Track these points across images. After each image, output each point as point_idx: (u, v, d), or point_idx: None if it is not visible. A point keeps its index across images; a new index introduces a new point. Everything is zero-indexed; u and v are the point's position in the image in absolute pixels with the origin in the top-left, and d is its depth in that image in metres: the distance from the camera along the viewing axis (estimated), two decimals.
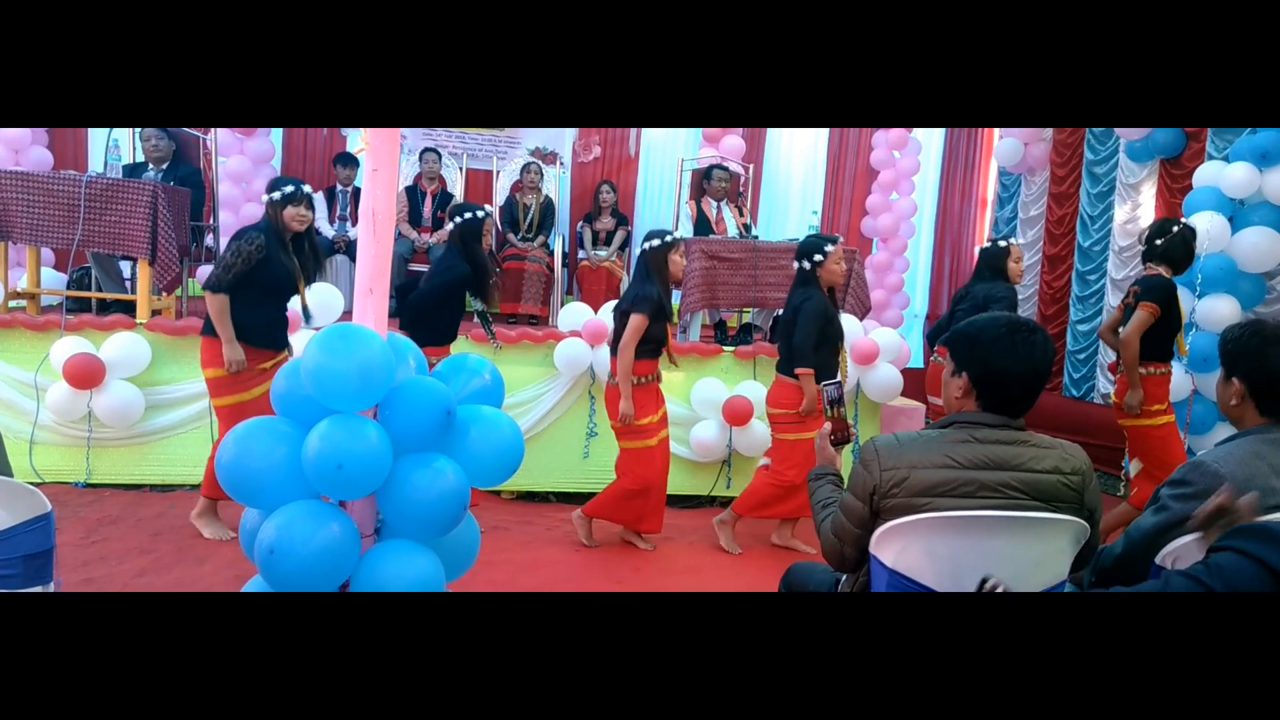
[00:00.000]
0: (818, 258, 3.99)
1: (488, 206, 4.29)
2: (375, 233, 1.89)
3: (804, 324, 3.96)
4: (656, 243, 3.98)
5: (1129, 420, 4.00)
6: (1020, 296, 7.20)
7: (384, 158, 1.90)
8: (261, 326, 3.69)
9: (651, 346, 3.96)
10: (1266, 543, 1.27)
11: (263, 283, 3.61)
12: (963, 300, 4.60)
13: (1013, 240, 4.51)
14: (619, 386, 3.93)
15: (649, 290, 3.93)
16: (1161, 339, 3.93)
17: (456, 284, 4.14)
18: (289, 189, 3.66)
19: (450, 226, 4.20)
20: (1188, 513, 1.81)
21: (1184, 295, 4.51)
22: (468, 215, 4.12)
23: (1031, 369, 1.77)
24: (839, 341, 4.09)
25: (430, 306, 4.06)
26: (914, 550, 1.75)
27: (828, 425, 2.23)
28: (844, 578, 2.04)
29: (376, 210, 1.89)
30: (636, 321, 3.86)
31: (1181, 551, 1.80)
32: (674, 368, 4.23)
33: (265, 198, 3.71)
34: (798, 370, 3.97)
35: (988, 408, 1.81)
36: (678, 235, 4.05)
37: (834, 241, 4.05)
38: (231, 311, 3.57)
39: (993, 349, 1.77)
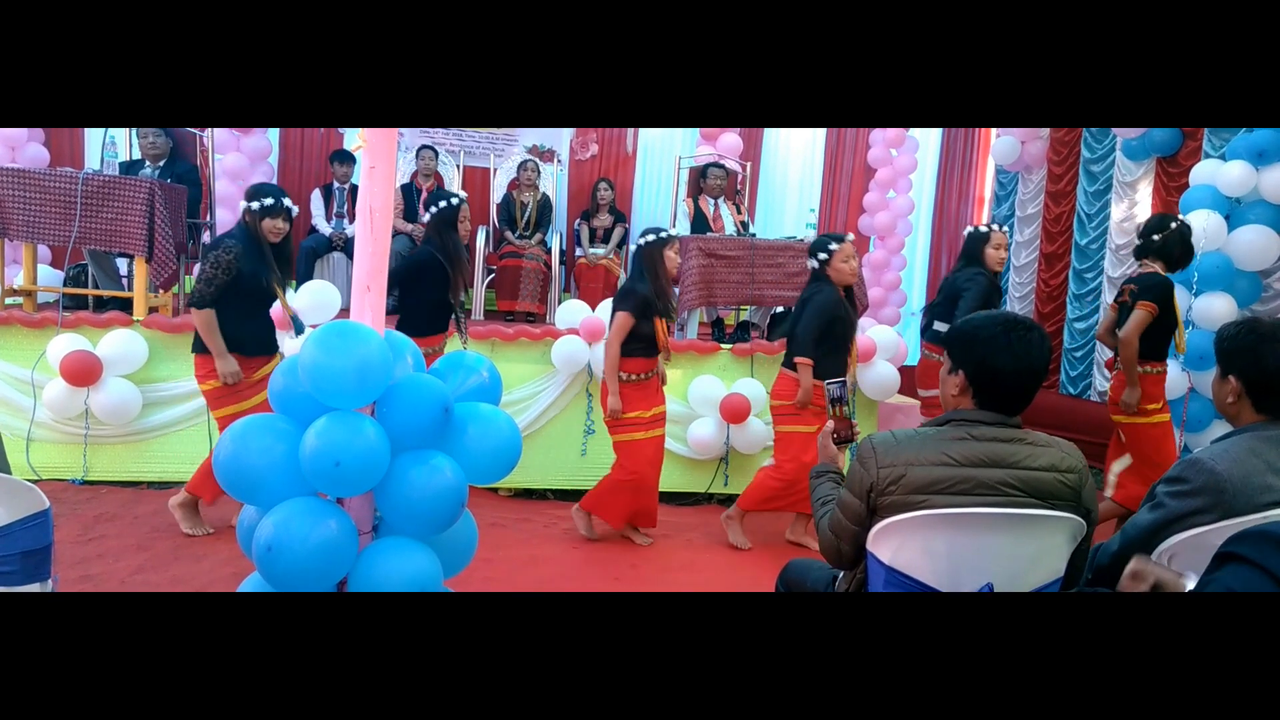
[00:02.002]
0: (823, 255, 4.01)
1: (462, 194, 4.26)
2: (373, 230, 1.89)
3: (809, 316, 3.98)
4: (651, 238, 3.99)
5: (1124, 418, 4.01)
6: (1017, 295, 7.24)
7: (381, 155, 1.90)
8: (251, 335, 3.67)
9: (642, 345, 3.96)
10: (1270, 547, 1.17)
11: (245, 291, 3.59)
12: (942, 289, 4.64)
13: (1000, 227, 4.42)
14: (606, 382, 3.96)
15: (638, 287, 3.96)
16: (1159, 338, 3.94)
17: (415, 268, 4.09)
18: (269, 201, 3.60)
19: (427, 216, 4.16)
20: (1184, 510, 1.82)
21: (1181, 294, 4.53)
22: (442, 203, 4.11)
23: (1028, 367, 1.77)
24: (847, 342, 4.05)
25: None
26: (911, 547, 1.75)
27: (831, 423, 2.24)
28: (841, 575, 2.04)
29: (374, 207, 1.89)
30: (620, 319, 3.91)
31: (1178, 548, 1.80)
32: (665, 363, 4.19)
33: (244, 205, 3.64)
34: (796, 360, 3.98)
35: (984, 405, 1.81)
36: (673, 232, 4.05)
37: (840, 240, 4.03)
38: (220, 324, 3.56)
39: (989, 347, 1.78)
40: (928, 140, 8.16)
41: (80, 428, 4.47)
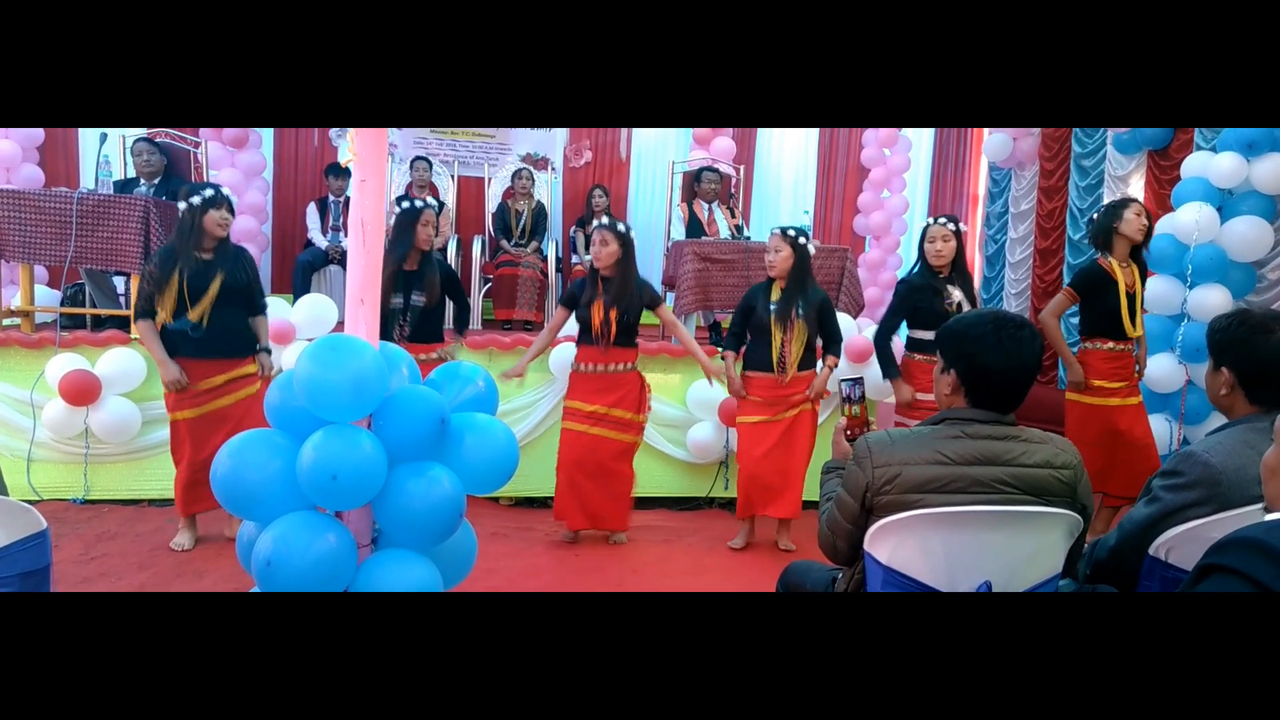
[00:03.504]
0: None
1: (432, 201, 4.17)
2: (365, 243, 1.90)
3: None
4: None
5: (1073, 395, 4.26)
6: (1013, 291, 7.25)
7: (372, 168, 1.91)
8: (173, 334, 3.66)
9: (583, 334, 4.08)
10: (1253, 554, 1.16)
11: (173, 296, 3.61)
12: None
13: (938, 220, 4.31)
14: None
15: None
16: (1093, 318, 4.17)
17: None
18: (209, 193, 3.63)
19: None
20: (1180, 503, 1.82)
21: (1174, 286, 4.54)
22: (406, 204, 4.05)
23: (1019, 364, 1.78)
24: (764, 332, 4.07)
25: None
26: (908, 547, 1.76)
27: (843, 419, 2.27)
28: (840, 574, 2.05)
29: (366, 220, 1.90)
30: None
31: (1175, 542, 1.81)
32: (632, 364, 4.17)
33: (182, 204, 3.62)
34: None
35: (977, 404, 1.82)
36: (603, 221, 4.03)
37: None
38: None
39: (979, 346, 1.78)
40: (920, 139, 8.18)
41: (80, 447, 4.47)
